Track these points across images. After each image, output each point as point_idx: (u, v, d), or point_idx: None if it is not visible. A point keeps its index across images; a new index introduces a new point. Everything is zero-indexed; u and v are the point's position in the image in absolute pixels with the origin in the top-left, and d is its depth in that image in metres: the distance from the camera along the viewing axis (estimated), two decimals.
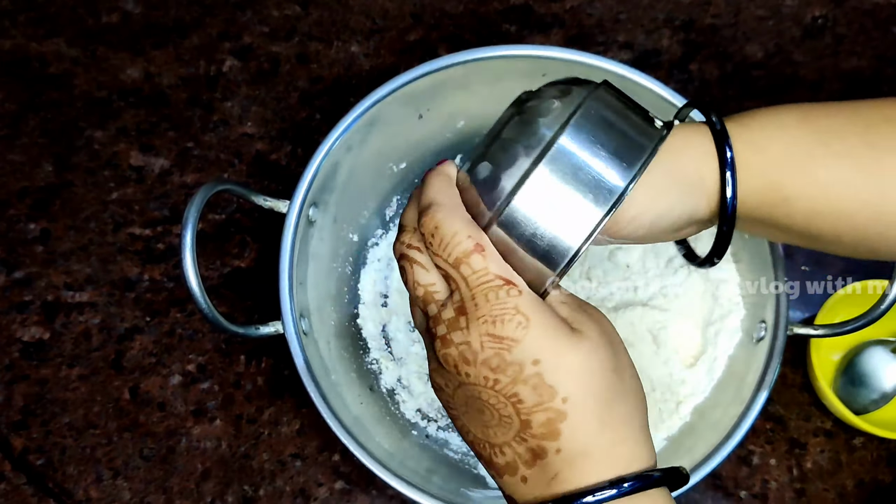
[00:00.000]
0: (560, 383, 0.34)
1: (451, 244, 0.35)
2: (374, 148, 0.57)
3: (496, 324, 0.34)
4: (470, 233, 0.35)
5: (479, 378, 0.34)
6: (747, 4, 0.69)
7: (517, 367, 0.34)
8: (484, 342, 0.34)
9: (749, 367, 0.53)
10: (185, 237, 0.45)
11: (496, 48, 0.56)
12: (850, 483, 0.58)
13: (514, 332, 0.34)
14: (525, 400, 0.34)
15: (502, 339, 0.34)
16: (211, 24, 0.69)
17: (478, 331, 0.34)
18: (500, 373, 0.34)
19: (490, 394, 0.34)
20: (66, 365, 0.61)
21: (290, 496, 0.58)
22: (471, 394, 0.35)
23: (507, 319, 0.34)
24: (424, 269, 0.36)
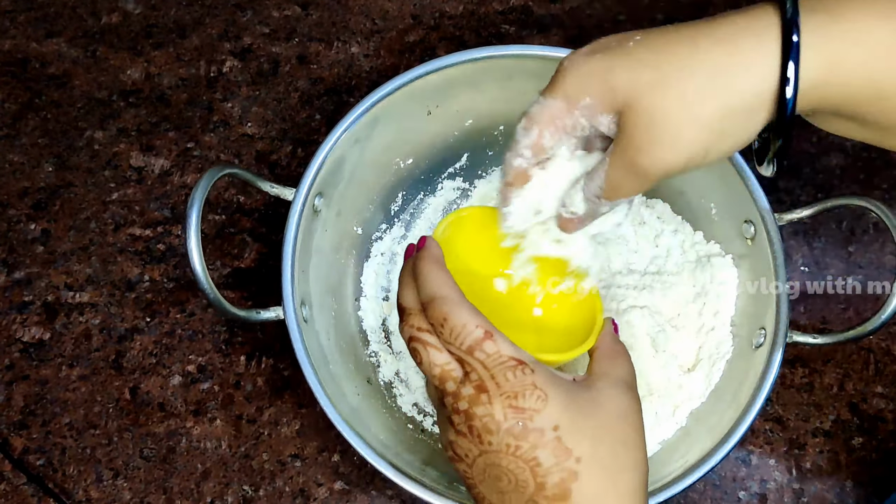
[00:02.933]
0: (576, 444, 0.37)
1: (462, 334, 0.38)
2: (381, 142, 0.58)
3: (517, 398, 0.37)
4: (478, 322, 0.38)
5: (501, 445, 0.37)
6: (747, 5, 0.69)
7: (538, 434, 0.37)
8: (507, 413, 0.37)
9: (747, 373, 0.53)
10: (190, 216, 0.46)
11: (507, 47, 0.56)
12: (848, 483, 0.59)
13: (535, 403, 0.37)
14: (543, 463, 0.36)
15: (524, 410, 0.37)
16: (211, 25, 0.69)
17: (500, 404, 0.37)
18: (522, 439, 0.37)
19: (510, 459, 0.37)
20: (66, 365, 0.61)
21: (289, 496, 0.59)
22: (491, 461, 0.37)
23: (528, 394, 0.37)
24: (438, 351, 0.39)
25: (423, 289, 0.40)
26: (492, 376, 0.37)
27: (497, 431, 0.37)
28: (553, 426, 0.37)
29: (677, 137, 0.36)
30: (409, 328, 0.40)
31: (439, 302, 0.39)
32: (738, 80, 0.35)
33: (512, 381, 0.37)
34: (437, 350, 0.39)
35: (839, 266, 0.62)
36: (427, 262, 0.41)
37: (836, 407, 0.60)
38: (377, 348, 0.61)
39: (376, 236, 0.63)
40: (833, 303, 0.62)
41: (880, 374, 0.61)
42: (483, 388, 0.37)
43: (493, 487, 0.38)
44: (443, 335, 0.38)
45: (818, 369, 0.61)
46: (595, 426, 0.38)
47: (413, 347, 0.40)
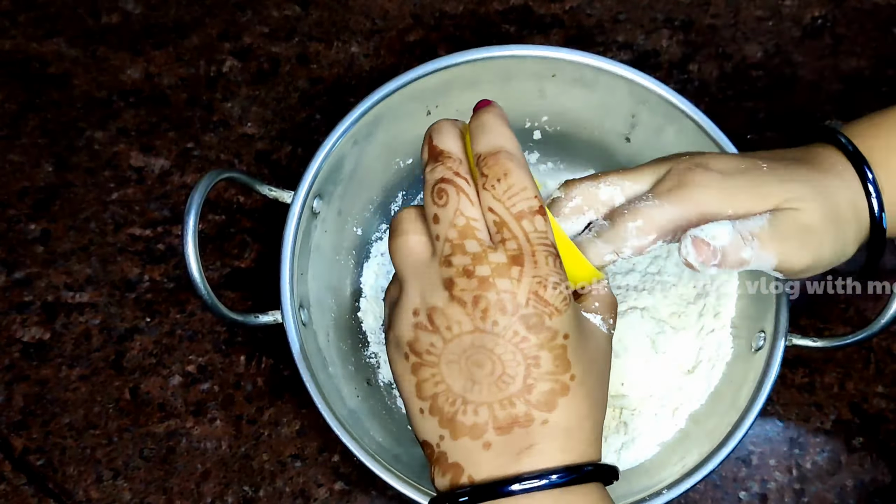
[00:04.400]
0: (576, 362, 0.35)
1: (519, 195, 0.34)
2: (380, 142, 0.58)
3: (547, 288, 0.34)
4: (537, 193, 0.35)
5: (507, 330, 0.34)
6: (746, 5, 0.69)
7: (550, 334, 0.34)
8: (530, 299, 0.34)
9: (746, 376, 0.53)
10: (187, 222, 0.46)
11: (507, 47, 0.56)
12: (849, 483, 0.59)
13: (560, 302, 0.34)
14: (542, 365, 0.34)
15: (548, 304, 0.34)
16: (211, 25, 0.69)
17: (528, 286, 0.34)
18: (533, 332, 0.34)
19: (509, 348, 0.34)
20: (66, 365, 0.61)
21: (290, 497, 0.59)
22: (481, 343, 0.34)
23: (558, 291, 0.34)
24: (470, 202, 0.35)
25: (489, 138, 0.36)
26: (533, 253, 0.34)
27: (511, 314, 0.34)
28: (565, 334, 0.34)
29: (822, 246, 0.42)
30: (444, 168, 0.36)
31: (506, 155, 0.35)
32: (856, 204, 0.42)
33: (549, 269, 0.34)
34: (470, 202, 0.35)
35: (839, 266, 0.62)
36: (494, 115, 0.37)
37: (836, 407, 0.60)
38: (377, 349, 0.61)
39: (376, 237, 0.63)
40: (833, 303, 0.62)
41: (881, 374, 0.61)
42: (519, 260, 0.34)
43: (463, 372, 0.34)
44: (494, 189, 0.35)
45: (819, 369, 0.61)
46: (590, 354, 0.36)
47: (441, 188, 0.35)
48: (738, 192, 0.40)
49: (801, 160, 0.43)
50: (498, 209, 0.34)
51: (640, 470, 0.55)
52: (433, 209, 0.35)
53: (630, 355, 0.57)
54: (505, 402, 0.34)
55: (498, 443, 0.34)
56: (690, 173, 0.40)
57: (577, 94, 0.58)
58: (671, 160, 0.42)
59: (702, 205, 0.40)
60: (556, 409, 0.34)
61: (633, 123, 0.58)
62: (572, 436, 0.35)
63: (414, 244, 0.36)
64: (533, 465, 0.34)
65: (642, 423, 0.57)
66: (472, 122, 0.38)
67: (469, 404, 0.34)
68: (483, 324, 0.34)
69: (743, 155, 0.43)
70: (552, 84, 0.58)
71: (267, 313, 0.52)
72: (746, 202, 0.40)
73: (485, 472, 0.34)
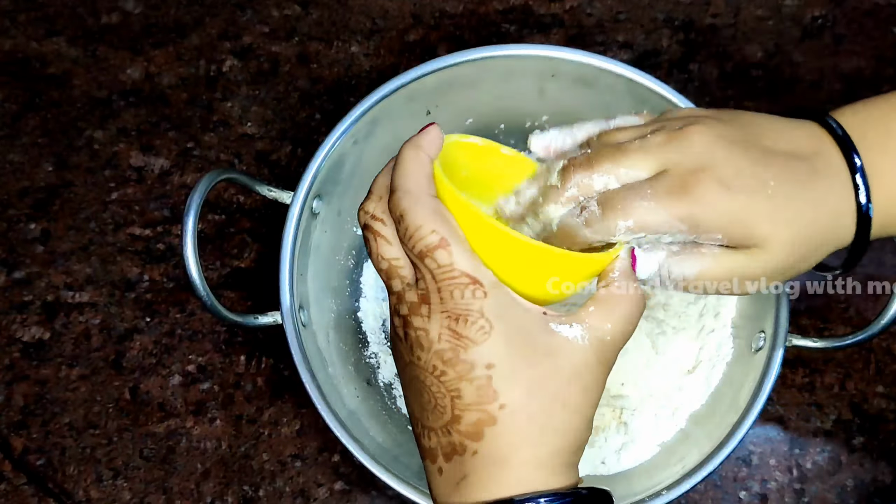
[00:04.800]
0: (504, 391, 0.34)
1: (415, 236, 0.35)
2: (380, 142, 0.57)
3: (458, 321, 0.34)
4: (434, 226, 0.35)
5: (427, 364, 0.34)
6: (747, 4, 0.69)
7: (467, 366, 0.34)
8: (442, 334, 0.34)
9: (746, 376, 0.53)
10: (187, 223, 0.46)
11: (505, 47, 0.56)
12: (850, 483, 0.59)
13: (475, 334, 0.34)
14: (464, 397, 0.34)
15: (461, 337, 0.34)
16: (211, 24, 0.69)
17: (438, 323, 0.34)
18: (449, 366, 0.34)
19: (433, 381, 0.34)
20: (66, 365, 0.61)
21: (290, 497, 0.58)
22: (416, 375, 0.35)
23: (471, 321, 0.34)
24: (388, 243, 0.36)
25: (392, 176, 0.37)
26: (438, 290, 0.34)
27: (428, 350, 0.34)
28: (487, 364, 0.34)
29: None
30: (363, 213, 0.37)
31: (400, 195, 0.35)
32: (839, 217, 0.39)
33: (457, 301, 0.34)
34: (388, 243, 0.36)
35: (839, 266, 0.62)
36: (410, 147, 0.37)
37: (836, 407, 0.60)
38: (377, 349, 0.61)
39: None
40: (834, 302, 0.62)
41: (881, 374, 0.61)
42: (426, 299, 0.34)
43: (415, 399, 0.36)
44: (399, 233, 0.36)
45: (819, 369, 0.61)
46: (536, 377, 0.34)
47: (364, 235, 0.37)
48: (732, 219, 0.37)
49: (801, 157, 0.40)
50: (406, 251, 0.35)
51: (640, 470, 0.55)
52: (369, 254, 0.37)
53: (630, 355, 0.57)
54: (443, 430, 0.35)
55: (446, 470, 0.35)
56: (695, 181, 0.37)
57: (577, 94, 0.58)
58: (667, 135, 0.39)
59: (698, 221, 0.37)
60: (484, 439, 0.34)
61: None
62: (507, 466, 0.34)
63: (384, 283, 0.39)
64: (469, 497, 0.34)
65: (642, 424, 0.56)
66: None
67: (425, 429, 0.36)
68: (412, 357, 0.35)
69: (752, 151, 0.39)
70: (552, 84, 0.58)
71: (266, 314, 0.52)
72: (736, 232, 0.37)
73: (441, 498, 0.35)
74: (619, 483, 0.55)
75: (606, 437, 0.56)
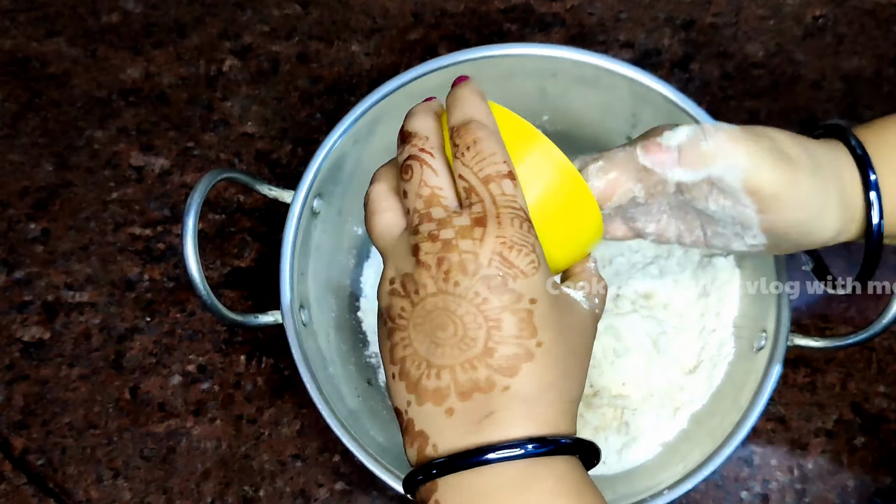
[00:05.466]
0: (544, 328, 0.34)
1: (487, 160, 0.35)
2: (381, 142, 0.57)
3: (512, 250, 0.34)
4: (506, 158, 0.35)
5: (468, 291, 0.33)
6: (748, 4, 0.69)
7: (514, 296, 0.33)
8: (493, 259, 0.33)
9: (748, 376, 0.53)
10: (187, 222, 0.46)
11: (506, 46, 0.56)
12: (850, 483, 0.58)
13: (527, 266, 0.34)
14: (504, 329, 0.33)
15: (512, 265, 0.33)
16: (211, 24, 0.69)
17: (491, 247, 0.33)
18: (495, 294, 0.33)
19: (470, 310, 0.33)
20: (66, 365, 0.61)
21: (290, 497, 0.58)
22: (444, 304, 0.33)
23: (525, 252, 0.34)
24: (435, 173, 0.36)
25: (460, 110, 0.37)
26: (497, 214, 0.34)
27: (473, 274, 0.33)
28: (531, 298, 0.33)
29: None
30: (411, 147, 0.37)
31: (476, 124, 0.36)
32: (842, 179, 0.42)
33: (515, 230, 0.34)
34: (433, 172, 0.36)
35: (840, 265, 0.62)
36: (471, 89, 0.38)
37: (838, 406, 0.60)
38: (377, 349, 0.61)
39: None
40: (835, 302, 0.62)
41: (883, 374, 0.61)
42: (482, 221, 0.34)
43: (428, 334, 0.34)
44: (463, 156, 0.35)
45: (820, 369, 0.61)
46: (562, 323, 0.35)
47: (408, 165, 0.36)
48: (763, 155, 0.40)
49: (816, 154, 0.42)
50: (466, 175, 0.35)
51: (641, 470, 0.55)
52: (402, 185, 0.36)
53: (631, 355, 0.57)
54: (466, 365, 0.33)
55: (460, 409, 0.33)
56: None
57: (578, 93, 0.58)
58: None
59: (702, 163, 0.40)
60: (519, 375, 0.33)
61: (635, 122, 0.58)
62: (536, 404, 0.33)
63: (387, 220, 0.37)
64: (495, 435, 0.33)
65: (644, 423, 0.56)
66: (447, 97, 0.39)
67: (432, 368, 0.33)
68: (445, 285, 0.33)
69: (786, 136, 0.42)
70: (553, 83, 0.58)
71: (267, 313, 0.52)
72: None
73: (448, 441, 0.33)
74: (620, 483, 0.55)
75: (607, 436, 0.56)
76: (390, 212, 0.37)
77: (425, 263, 0.34)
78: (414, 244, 0.35)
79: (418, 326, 0.34)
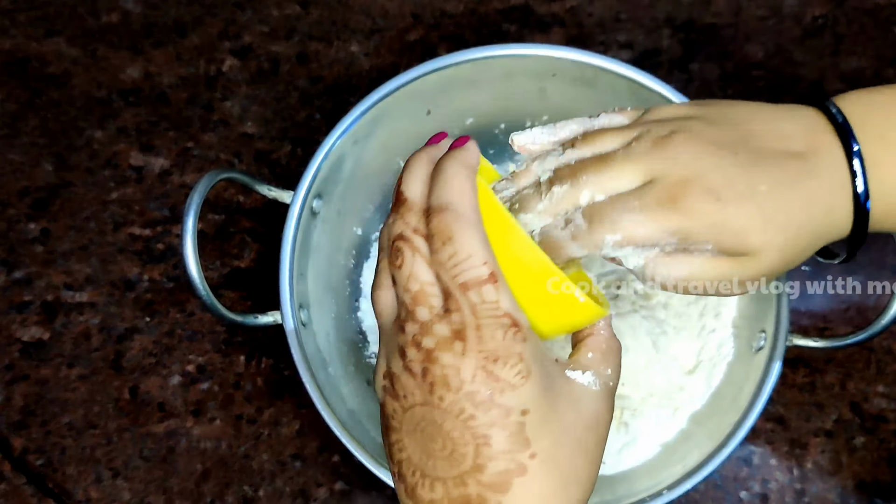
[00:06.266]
0: (538, 438, 0.32)
1: (463, 264, 0.32)
2: (380, 142, 0.57)
3: (496, 363, 0.32)
4: (486, 258, 0.32)
5: (453, 406, 0.32)
6: (747, 4, 0.69)
7: (502, 411, 0.32)
8: (476, 375, 0.32)
9: (747, 376, 0.53)
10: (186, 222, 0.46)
11: (507, 46, 0.56)
12: (850, 483, 0.58)
13: (514, 378, 0.32)
14: (493, 445, 0.31)
15: (498, 379, 0.32)
16: (211, 24, 0.69)
17: (474, 362, 0.32)
18: (481, 410, 0.31)
19: (457, 426, 0.32)
20: (65, 365, 0.61)
21: (289, 497, 0.58)
22: (431, 417, 0.32)
23: (511, 364, 0.32)
24: (426, 265, 0.33)
25: (439, 191, 0.34)
26: (477, 327, 0.32)
27: (456, 390, 0.31)
28: (522, 410, 0.32)
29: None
30: (402, 224, 0.34)
31: (452, 215, 0.33)
32: (833, 213, 0.37)
33: (498, 343, 0.32)
34: (426, 264, 0.33)
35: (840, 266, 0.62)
36: (457, 164, 0.34)
37: (837, 406, 0.60)
38: (377, 349, 0.60)
39: (376, 236, 0.63)
40: (834, 303, 0.62)
41: (882, 374, 0.61)
42: (462, 335, 0.32)
43: (420, 444, 0.33)
44: (438, 254, 0.33)
45: (819, 369, 0.61)
46: (564, 425, 0.33)
47: (398, 247, 0.34)
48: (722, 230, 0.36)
49: (794, 155, 0.38)
50: (443, 277, 0.33)
51: (641, 470, 0.55)
52: (392, 269, 0.34)
53: (631, 355, 0.57)
54: (457, 480, 0.32)
55: None
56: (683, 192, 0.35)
57: (577, 94, 0.58)
58: (653, 142, 0.37)
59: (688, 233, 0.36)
60: (510, 491, 0.31)
61: None
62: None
63: (386, 301, 0.35)
64: None
65: (643, 424, 0.56)
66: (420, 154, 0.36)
67: (426, 478, 0.33)
68: (431, 397, 0.32)
69: (742, 155, 0.37)
70: (553, 83, 0.58)
71: (267, 314, 0.52)
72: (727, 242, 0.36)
73: None
74: (620, 483, 0.55)
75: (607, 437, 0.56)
76: (389, 291, 0.35)
77: (411, 370, 0.33)
78: (400, 346, 0.33)
79: (410, 434, 0.33)
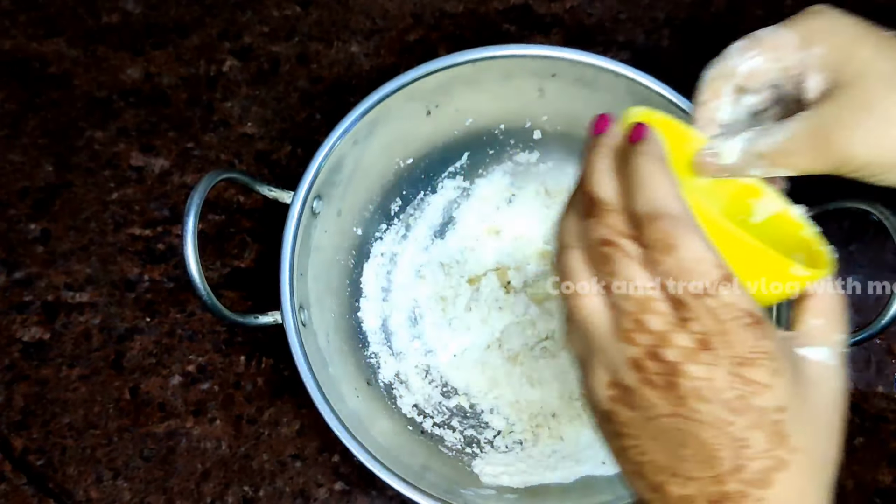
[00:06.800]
0: (796, 432, 0.31)
1: (694, 272, 0.31)
2: (380, 142, 0.58)
3: (748, 367, 0.31)
4: (716, 260, 0.31)
5: (709, 416, 0.31)
6: (748, 4, 0.69)
7: (759, 413, 0.31)
8: (732, 382, 0.31)
9: None
10: (187, 223, 0.46)
11: (507, 47, 0.56)
12: (849, 483, 0.58)
13: (767, 378, 0.31)
14: (752, 446, 0.31)
15: (751, 383, 0.31)
16: (211, 24, 0.69)
17: (725, 371, 0.30)
18: (738, 415, 0.31)
19: (713, 433, 0.31)
20: (66, 365, 0.61)
21: (289, 497, 0.58)
22: (684, 427, 0.31)
23: (760, 364, 0.31)
24: (643, 270, 0.31)
25: (643, 197, 0.32)
26: (723, 332, 0.30)
27: (712, 401, 0.30)
28: (778, 407, 0.31)
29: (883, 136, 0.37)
30: (604, 228, 0.32)
31: (668, 221, 0.31)
32: None
33: (745, 345, 0.30)
34: (641, 268, 0.31)
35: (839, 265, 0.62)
36: (651, 161, 0.32)
37: None
38: (377, 349, 0.61)
39: (376, 237, 0.63)
40: None
41: (881, 374, 0.61)
42: (706, 344, 0.30)
43: (668, 449, 0.32)
44: (663, 265, 0.31)
45: None
46: (816, 413, 0.32)
47: (605, 254, 0.32)
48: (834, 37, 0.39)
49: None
50: (672, 288, 0.31)
51: None
52: (603, 276, 0.32)
53: None
54: (715, 480, 0.31)
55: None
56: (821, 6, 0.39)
57: (577, 94, 0.58)
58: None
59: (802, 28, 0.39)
60: (774, 486, 0.31)
61: None
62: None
63: (592, 308, 0.33)
64: None
65: None
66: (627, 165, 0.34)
67: (678, 476, 0.32)
68: (682, 409, 0.31)
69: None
70: (552, 83, 0.58)
71: (267, 314, 0.52)
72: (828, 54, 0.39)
73: None
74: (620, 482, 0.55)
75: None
76: (596, 297, 0.33)
77: (653, 383, 0.31)
78: (633, 357, 0.32)
79: (654, 440, 0.32)
